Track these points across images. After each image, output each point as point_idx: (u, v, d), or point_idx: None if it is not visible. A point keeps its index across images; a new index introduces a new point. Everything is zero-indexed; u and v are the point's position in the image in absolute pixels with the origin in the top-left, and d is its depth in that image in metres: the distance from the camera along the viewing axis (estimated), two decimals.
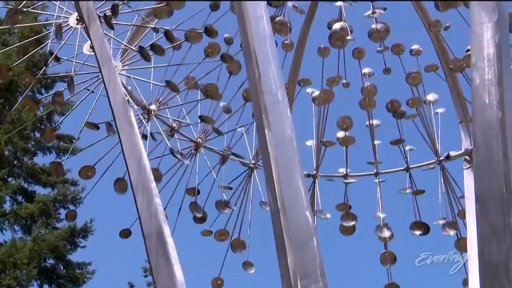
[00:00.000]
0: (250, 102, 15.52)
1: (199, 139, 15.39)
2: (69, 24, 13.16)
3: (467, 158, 16.36)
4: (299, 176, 7.95)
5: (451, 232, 15.99)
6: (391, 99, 16.67)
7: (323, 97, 16.62)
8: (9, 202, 30.38)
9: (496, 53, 7.64)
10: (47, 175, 30.63)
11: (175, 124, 14.94)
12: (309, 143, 16.88)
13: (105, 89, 11.03)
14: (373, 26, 15.85)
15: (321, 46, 16.40)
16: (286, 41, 16.15)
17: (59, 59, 13.46)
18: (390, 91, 17.02)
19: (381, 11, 15.74)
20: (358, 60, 16.32)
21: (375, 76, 16.70)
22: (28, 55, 15.09)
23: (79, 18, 12.70)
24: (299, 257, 7.35)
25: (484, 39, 7.78)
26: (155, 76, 14.34)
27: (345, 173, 17.17)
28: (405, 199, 16.68)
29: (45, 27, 21.73)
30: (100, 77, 12.38)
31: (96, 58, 11.55)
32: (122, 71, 13.67)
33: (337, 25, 15.46)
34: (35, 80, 14.08)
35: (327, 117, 16.95)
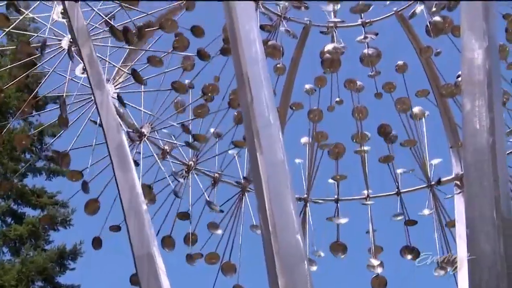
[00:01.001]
0: (241, 124, 15.61)
1: (190, 162, 15.40)
2: (62, 46, 13.19)
3: (458, 183, 16.42)
4: (291, 199, 7.97)
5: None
6: (382, 123, 16.76)
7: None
8: None
9: (486, 79, 7.71)
10: (36, 197, 30.47)
11: (167, 146, 14.95)
12: (298, 160, 16.89)
13: (98, 112, 11.04)
14: (365, 51, 16.00)
15: (317, 76, 16.59)
16: (278, 65, 16.25)
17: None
18: (382, 115, 17.12)
19: (373, 36, 15.89)
20: (350, 90, 16.50)
21: (366, 100, 16.83)
22: (20, 77, 15.07)
23: (72, 40, 12.73)
24: (290, 281, 7.34)
25: (474, 65, 7.85)
26: (148, 98, 14.40)
27: (337, 197, 17.19)
28: (396, 222, 16.71)
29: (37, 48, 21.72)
30: (92, 99, 12.40)
31: (88, 80, 11.58)
32: (114, 94, 13.69)
33: (329, 47, 15.68)
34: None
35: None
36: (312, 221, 16.91)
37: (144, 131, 14.51)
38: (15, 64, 15.39)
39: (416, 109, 16.62)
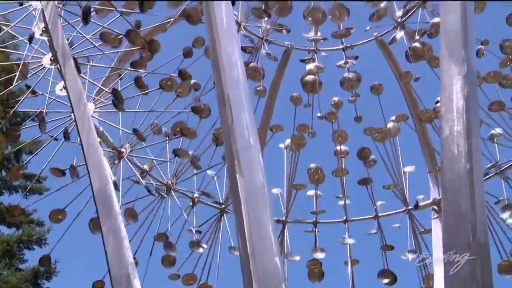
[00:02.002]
0: (221, 146, 15.65)
1: (169, 182, 15.35)
2: (42, 64, 13.13)
3: (435, 208, 16.52)
4: (269, 222, 7.97)
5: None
6: (362, 147, 16.86)
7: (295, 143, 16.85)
8: None
9: (465, 105, 7.80)
10: (12, 215, 30.09)
11: (146, 166, 14.90)
12: (275, 190, 16.91)
13: (77, 130, 10.98)
14: (346, 74, 16.13)
15: (294, 94, 16.67)
16: (258, 88, 16.32)
17: (35, 92, 13.37)
18: (362, 139, 17.25)
19: (353, 60, 16.05)
20: (331, 122, 16.65)
21: (346, 124, 16.96)
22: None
23: (53, 58, 12.69)
24: None
25: (453, 91, 7.95)
26: (128, 118, 14.36)
27: (315, 219, 17.23)
28: (373, 244, 16.82)
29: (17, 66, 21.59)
30: (72, 117, 12.34)
31: (69, 98, 11.53)
32: (94, 113, 13.63)
33: (311, 66, 15.85)
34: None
35: (297, 164, 17.11)
36: (290, 243, 16.92)
37: (123, 150, 14.46)
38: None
39: (390, 125, 16.77)
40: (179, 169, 15.52)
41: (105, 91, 13.33)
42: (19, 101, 13.66)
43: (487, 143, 15.39)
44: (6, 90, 14.19)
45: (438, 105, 15.26)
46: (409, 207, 16.86)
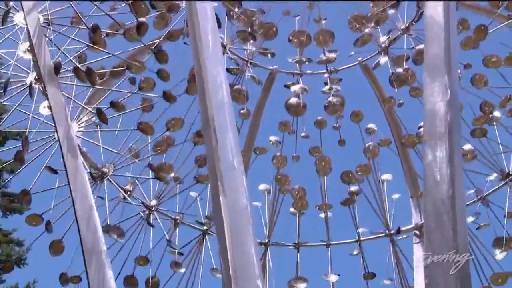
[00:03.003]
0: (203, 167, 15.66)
1: (152, 203, 15.29)
2: (26, 83, 13.07)
3: (417, 232, 16.57)
4: (252, 244, 7.98)
5: None
6: (345, 170, 16.90)
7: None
8: None
9: (447, 131, 7.87)
10: None
11: (129, 186, 14.84)
12: (256, 203, 16.86)
13: (60, 150, 10.94)
14: (330, 99, 16.22)
15: (282, 121, 16.78)
16: (242, 111, 16.39)
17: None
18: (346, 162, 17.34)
19: (338, 87, 16.17)
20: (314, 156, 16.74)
21: (330, 148, 17.06)
22: None
23: (37, 78, 12.64)
24: None
25: (436, 117, 8.02)
26: (111, 137, 14.32)
27: (297, 242, 17.22)
28: (355, 267, 16.84)
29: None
30: (55, 137, 12.29)
31: (52, 118, 11.49)
32: (78, 133, 13.58)
33: (296, 87, 15.96)
34: None
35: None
36: (272, 265, 16.89)
37: (106, 170, 14.39)
38: None
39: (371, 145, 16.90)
40: (162, 190, 15.48)
41: (89, 110, 13.29)
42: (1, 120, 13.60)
43: (469, 168, 15.50)
44: None
45: (421, 130, 15.39)
46: (391, 232, 16.88)
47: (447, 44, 8.42)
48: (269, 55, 16.29)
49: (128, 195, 14.71)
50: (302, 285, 16.39)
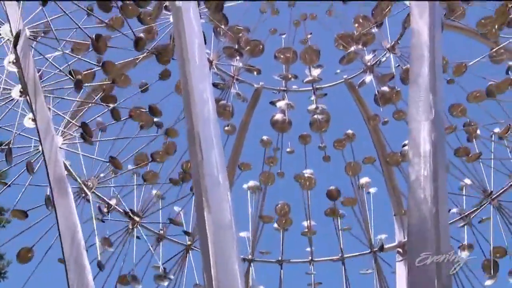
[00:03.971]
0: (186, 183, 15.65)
1: (135, 217, 15.22)
2: (11, 95, 13.01)
3: (400, 250, 16.61)
4: (236, 260, 7.96)
5: None
6: (330, 188, 16.92)
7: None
8: None
9: (431, 150, 7.92)
10: None
11: (112, 201, 14.78)
12: (243, 234, 16.81)
13: (45, 163, 10.88)
14: (315, 116, 16.29)
15: (264, 137, 16.80)
16: (226, 128, 16.41)
17: None
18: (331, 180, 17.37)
19: (323, 106, 16.26)
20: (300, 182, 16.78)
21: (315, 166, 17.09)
22: None
23: (22, 90, 12.58)
24: None
25: (421, 136, 8.07)
26: (92, 150, 14.28)
27: (281, 258, 17.21)
28: (338, 283, 16.82)
29: None
30: (39, 150, 12.22)
31: (37, 131, 11.43)
32: (62, 146, 13.52)
33: (281, 103, 15.99)
34: None
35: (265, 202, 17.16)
36: (255, 281, 16.85)
37: (90, 184, 14.32)
38: None
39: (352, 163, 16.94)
40: (145, 204, 15.43)
41: (73, 124, 13.24)
42: None
43: (453, 187, 15.58)
44: None
45: (405, 148, 15.47)
46: (374, 249, 16.91)
47: (432, 63, 8.49)
48: (255, 73, 16.35)
49: (111, 209, 14.66)
50: None
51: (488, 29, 13.61)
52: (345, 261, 17.07)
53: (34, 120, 11.75)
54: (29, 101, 11.76)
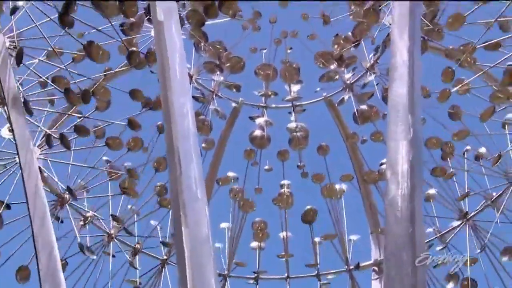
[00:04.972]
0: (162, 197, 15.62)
1: (111, 231, 15.14)
2: None
3: (376, 268, 16.65)
4: (213, 275, 7.92)
5: None
6: (307, 208, 16.90)
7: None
8: None
9: (409, 169, 7.97)
10: None
11: (89, 214, 14.69)
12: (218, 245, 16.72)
13: (21, 174, 10.80)
14: (294, 133, 16.35)
15: (247, 148, 16.82)
16: (204, 145, 16.42)
17: None
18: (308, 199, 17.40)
19: (303, 124, 16.33)
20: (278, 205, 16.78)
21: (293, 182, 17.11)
22: None
23: (0, 100, 12.51)
24: None
25: (399, 155, 8.12)
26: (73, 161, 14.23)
27: (257, 275, 17.17)
28: None
29: None
30: (16, 161, 12.15)
31: (14, 142, 11.36)
32: (39, 156, 13.45)
33: (260, 120, 16.04)
34: None
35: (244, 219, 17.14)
36: None
37: (66, 197, 14.24)
38: None
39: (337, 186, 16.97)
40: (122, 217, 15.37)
41: (52, 136, 13.18)
42: None
43: (428, 207, 15.65)
44: None
45: (382, 167, 15.56)
46: (350, 267, 16.92)
47: (411, 83, 8.56)
48: (234, 89, 16.39)
49: (87, 222, 14.57)
50: None
51: (464, 57, 13.82)
52: (321, 277, 17.08)
53: (11, 130, 11.68)
54: (7, 111, 11.70)
